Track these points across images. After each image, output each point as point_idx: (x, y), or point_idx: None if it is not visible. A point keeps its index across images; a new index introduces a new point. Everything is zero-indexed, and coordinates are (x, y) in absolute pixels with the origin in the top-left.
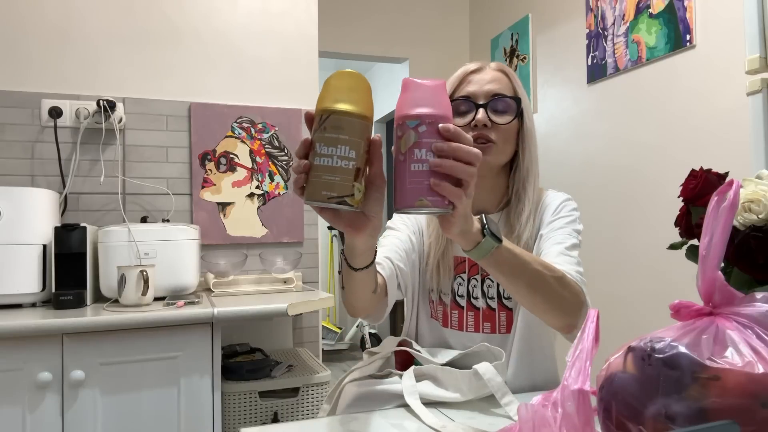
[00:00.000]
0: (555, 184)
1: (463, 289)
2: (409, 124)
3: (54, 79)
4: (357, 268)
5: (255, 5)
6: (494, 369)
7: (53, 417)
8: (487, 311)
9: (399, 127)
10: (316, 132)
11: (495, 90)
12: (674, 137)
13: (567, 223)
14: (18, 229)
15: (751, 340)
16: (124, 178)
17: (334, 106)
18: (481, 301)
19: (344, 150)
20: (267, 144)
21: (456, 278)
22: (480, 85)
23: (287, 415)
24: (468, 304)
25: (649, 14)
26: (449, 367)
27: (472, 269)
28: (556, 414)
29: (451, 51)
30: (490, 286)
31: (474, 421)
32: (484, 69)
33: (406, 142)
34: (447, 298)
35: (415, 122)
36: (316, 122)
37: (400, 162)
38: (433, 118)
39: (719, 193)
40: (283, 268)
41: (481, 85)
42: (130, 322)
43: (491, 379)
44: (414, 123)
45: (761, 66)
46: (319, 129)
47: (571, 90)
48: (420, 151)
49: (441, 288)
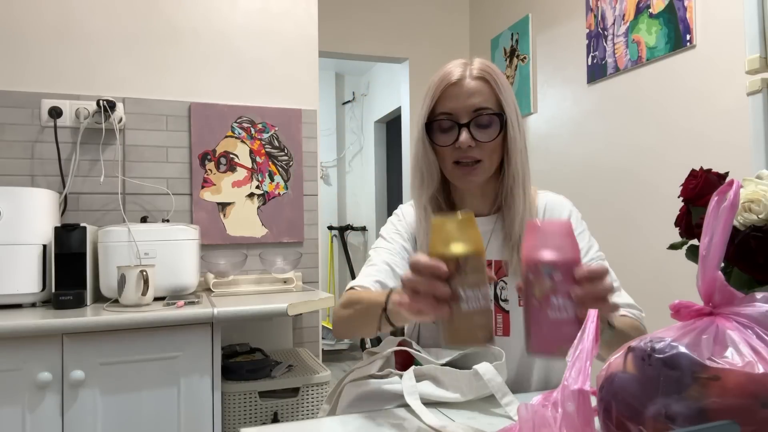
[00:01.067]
0: (555, 184)
1: None
2: (544, 270)
3: (54, 79)
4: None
5: (255, 5)
6: (494, 369)
7: (53, 417)
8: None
9: (531, 270)
10: (455, 278)
11: (477, 104)
12: (674, 137)
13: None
14: (18, 229)
15: (751, 340)
16: (124, 178)
17: (469, 250)
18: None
19: (485, 289)
20: (267, 144)
21: None
22: (461, 100)
23: (287, 415)
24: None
25: (649, 14)
26: (449, 368)
27: None
28: (556, 414)
29: (451, 51)
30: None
31: (474, 422)
32: (464, 79)
33: (540, 288)
34: None
35: (549, 269)
36: (453, 268)
37: (535, 307)
38: (567, 265)
39: (719, 193)
40: (283, 268)
41: (462, 101)
42: (130, 322)
43: (491, 380)
44: (548, 270)
45: (761, 66)
46: (459, 275)
47: (571, 90)
48: (557, 299)
49: None
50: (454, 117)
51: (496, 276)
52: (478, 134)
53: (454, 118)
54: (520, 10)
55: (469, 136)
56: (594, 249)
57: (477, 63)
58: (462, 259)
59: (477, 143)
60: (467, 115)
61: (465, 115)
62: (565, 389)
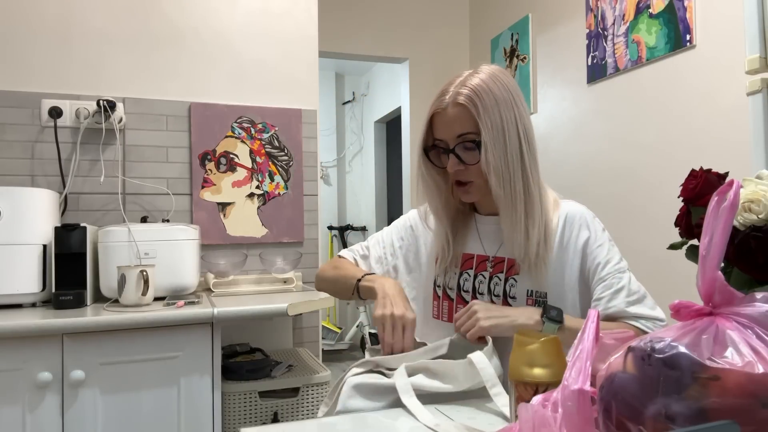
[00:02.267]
0: (555, 184)
1: (469, 285)
2: None
3: (54, 79)
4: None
5: (255, 5)
6: (487, 359)
7: (53, 417)
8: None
9: None
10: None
11: (458, 131)
12: (674, 137)
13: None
14: (18, 229)
15: (751, 340)
16: (124, 178)
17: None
18: (486, 298)
19: None
20: (267, 144)
21: (462, 274)
22: (445, 128)
23: (287, 415)
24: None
25: (649, 14)
26: (441, 359)
27: (480, 266)
28: (556, 414)
29: (451, 51)
30: (497, 283)
31: (473, 422)
32: (447, 107)
33: None
34: (452, 293)
35: None
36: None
37: None
38: None
39: (719, 193)
40: (283, 268)
41: (446, 129)
42: (130, 322)
43: (483, 369)
44: None
45: (761, 66)
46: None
47: (571, 90)
48: None
49: (447, 283)
50: (443, 143)
51: (507, 273)
52: (465, 157)
53: (443, 144)
54: (520, 11)
55: (456, 160)
56: (612, 263)
57: (469, 82)
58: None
59: (466, 166)
60: (453, 141)
61: (451, 141)
62: (565, 389)
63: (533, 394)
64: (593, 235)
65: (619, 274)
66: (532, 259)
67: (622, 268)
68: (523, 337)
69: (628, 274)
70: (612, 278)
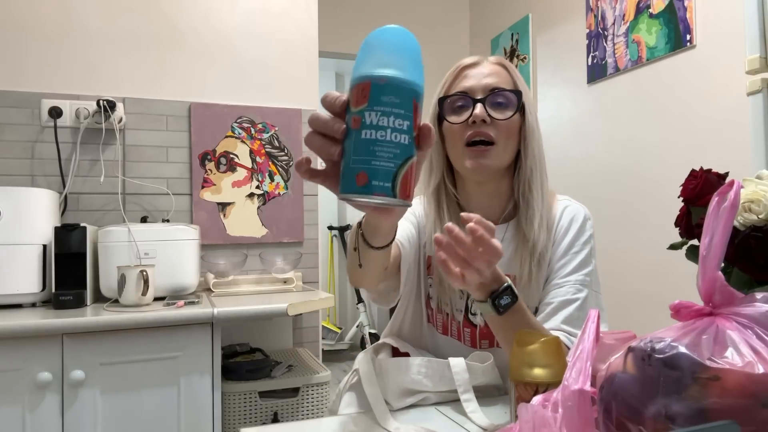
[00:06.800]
0: (555, 184)
1: (462, 304)
2: None
3: (54, 79)
4: (377, 247)
5: (255, 5)
6: (465, 365)
7: (53, 417)
8: (485, 329)
9: None
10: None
11: (494, 84)
12: (674, 137)
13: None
14: (18, 229)
15: (751, 340)
16: (124, 178)
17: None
18: (479, 318)
19: None
20: (267, 144)
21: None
22: (477, 79)
23: (287, 415)
24: (464, 320)
25: (649, 14)
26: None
27: None
28: (556, 414)
29: (451, 51)
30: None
31: (471, 423)
32: (482, 63)
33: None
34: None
35: None
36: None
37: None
38: None
39: (720, 193)
40: (283, 268)
41: (478, 80)
42: (130, 322)
43: (459, 374)
44: None
45: (761, 66)
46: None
47: (571, 90)
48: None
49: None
50: (468, 94)
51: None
52: (494, 112)
53: (469, 94)
54: (520, 10)
55: (484, 111)
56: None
57: (494, 56)
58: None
59: (492, 121)
60: (483, 93)
61: (480, 92)
62: (565, 389)
63: (533, 394)
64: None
65: (578, 286)
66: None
67: (585, 281)
68: (524, 338)
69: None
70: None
